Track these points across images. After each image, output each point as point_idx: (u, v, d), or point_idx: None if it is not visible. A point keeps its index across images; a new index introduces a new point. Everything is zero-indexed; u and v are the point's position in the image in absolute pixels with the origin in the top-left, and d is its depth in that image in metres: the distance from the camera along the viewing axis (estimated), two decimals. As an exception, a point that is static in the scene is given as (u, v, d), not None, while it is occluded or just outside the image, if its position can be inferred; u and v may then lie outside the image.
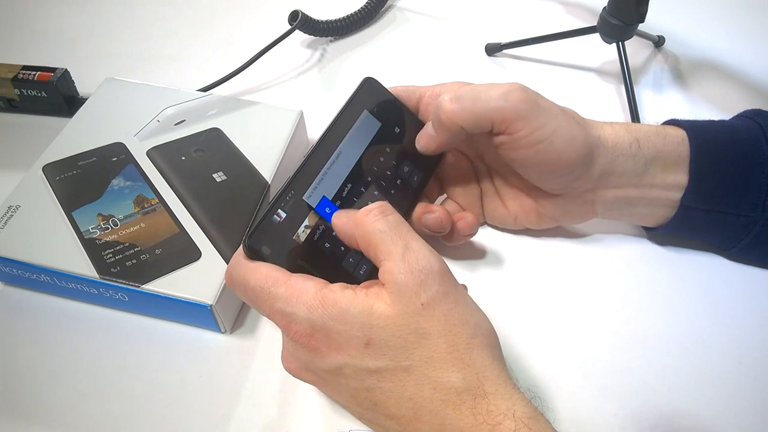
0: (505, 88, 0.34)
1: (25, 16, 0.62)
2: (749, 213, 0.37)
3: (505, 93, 0.34)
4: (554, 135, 0.34)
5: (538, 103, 0.34)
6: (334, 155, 0.35)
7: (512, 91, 0.34)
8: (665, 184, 0.37)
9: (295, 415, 0.34)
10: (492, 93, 0.34)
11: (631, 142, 0.36)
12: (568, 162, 0.35)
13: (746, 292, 0.39)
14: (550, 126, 0.34)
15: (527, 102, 0.34)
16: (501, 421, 0.25)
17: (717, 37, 0.59)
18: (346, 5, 0.61)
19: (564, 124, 0.34)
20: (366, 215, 0.29)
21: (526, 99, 0.34)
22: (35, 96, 0.50)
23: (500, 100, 0.34)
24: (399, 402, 0.27)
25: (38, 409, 0.34)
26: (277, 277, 0.29)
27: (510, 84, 0.34)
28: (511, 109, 0.33)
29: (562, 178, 0.36)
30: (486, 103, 0.34)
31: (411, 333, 0.26)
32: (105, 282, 0.36)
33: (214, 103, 0.46)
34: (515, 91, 0.34)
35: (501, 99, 0.34)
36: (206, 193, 0.40)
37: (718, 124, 0.38)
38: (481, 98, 0.34)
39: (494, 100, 0.34)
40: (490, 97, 0.34)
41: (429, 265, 0.27)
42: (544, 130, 0.34)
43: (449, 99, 0.35)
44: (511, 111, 0.34)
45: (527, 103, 0.34)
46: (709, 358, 0.36)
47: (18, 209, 0.39)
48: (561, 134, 0.34)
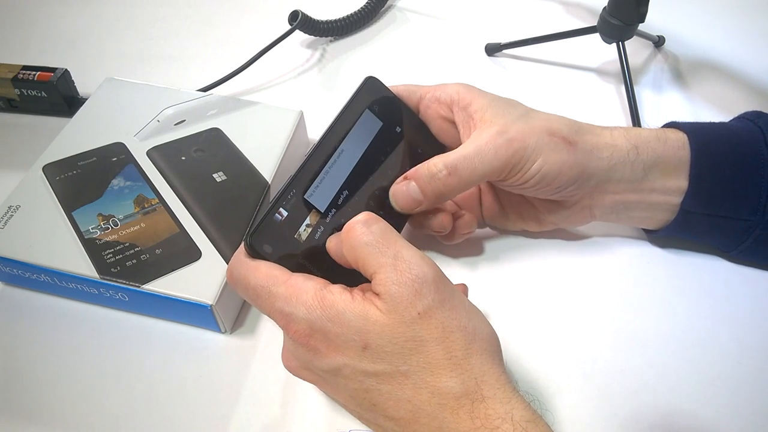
0: (492, 144, 0.34)
1: (25, 16, 0.62)
2: (749, 217, 0.37)
3: (495, 152, 0.34)
4: (543, 169, 0.35)
5: (525, 147, 0.34)
6: (336, 154, 0.35)
7: (501, 148, 0.34)
8: (665, 188, 0.37)
9: (295, 415, 0.34)
10: (483, 157, 0.34)
11: (630, 150, 0.36)
12: (559, 183, 0.36)
13: (746, 293, 0.39)
14: (538, 163, 0.34)
15: (517, 154, 0.34)
16: (499, 425, 0.25)
17: (717, 37, 0.59)
18: (346, 5, 0.61)
19: (552, 155, 0.35)
20: (350, 230, 0.28)
21: (516, 151, 0.34)
22: (35, 96, 0.50)
23: (493, 161, 0.34)
24: (398, 404, 0.27)
25: (38, 409, 0.34)
26: (277, 276, 0.29)
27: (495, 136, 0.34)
28: (504, 166, 0.34)
29: (558, 194, 0.37)
30: (481, 168, 0.34)
31: (408, 340, 0.26)
32: (105, 282, 0.36)
33: (214, 103, 0.46)
34: (504, 146, 0.34)
35: (494, 159, 0.34)
36: (206, 193, 0.40)
37: (719, 127, 0.38)
38: (476, 165, 0.34)
39: (488, 163, 0.34)
40: (483, 161, 0.34)
41: (422, 273, 0.27)
42: (533, 168, 0.35)
43: (447, 174, 0.34)
44: (504, 168, 0.35)
45: (518, 154, 0.34)
46: (709, 358, 0.36)
47: (18, 209, 0.39)
48: (550, 166, 0.35)
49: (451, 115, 0.38)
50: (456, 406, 0.26)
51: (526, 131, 0.35)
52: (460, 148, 0.35)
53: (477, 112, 0.36)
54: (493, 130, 0.35)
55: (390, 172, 0.37)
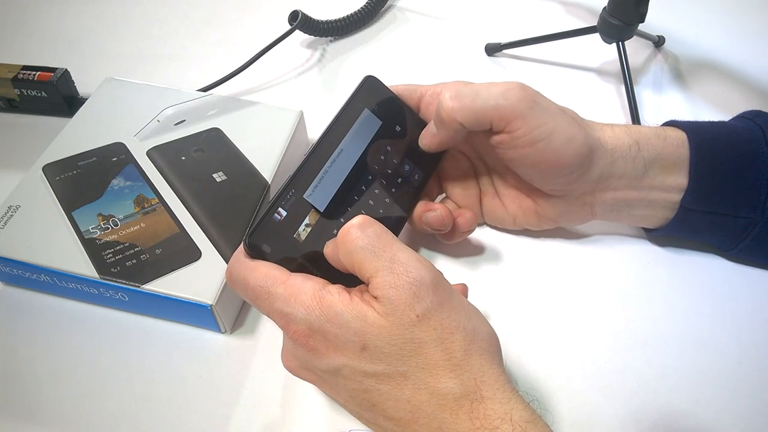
0: (504, 86, 0.34)
1: (25, 16, 0.62)
2: (749, 215, 0.37)
3: (504, 91, 0.34)
4: (553, 134, 0.34)
5: (537, 102, 0.34)
6: (335, 153, 0.35)
7: (511, 90, 0.34)
8: (665, 186, 0.37)
9: (295, 415, 0.34)
10: (491, 91, 0.34)
11: (631, 145, 0.36)
12: (566, 162, 0.35)
13: (746, 293, 0.39)
14: (548, 125, 0.34)
15: (526, 100, 0.34)
16: (498, 425, 0.25)
17: (717, 37, 0.59)
18: (346, 5, 0.61)
19: (563, 124, 0.34)
20: (345, 235, 0.28)
21: (524, 97, 0.34)
22: (35, 96, 0.50)
23: (499, 98, 0.34)
24: (397, 404, 0.27)
25: (38, 409, 0.34)
26: (276, 276, 0.29)
27: (510, 83, 0.34)
28: (510, 107, 0.34)
29: (561, 179, 0.36)
30: (485, 100, 0.34)
31: (406, 342, 0.26)
32: (105, 282, 0.36)
33: (214, 103, 0.46)
34: (514, 90, 0.34)
35: (500, 97, 0.34)
36: (206, 193, 0.40)
37: (718, 125, 0.38)
38: (481, 96, 0.34)
39: (493, 98, 0.34)
40: (489, 94, 0.34)
41: (420, 276, 0.27)
42: (542, 129, 0.34)
43: (449, 96, 0.35)
44: (509, 109, 0.34)
45: (526, 101, 0.34)
46: (709, 358, 0.36)
47: (18, 209, 0.39)
48: (559, 134, 0.34)
49: None
50: (455, 407, 0.26)
51: (540, 94, 0.35)
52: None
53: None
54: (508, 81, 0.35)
55: (390, 170, 0.37)
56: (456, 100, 0.35)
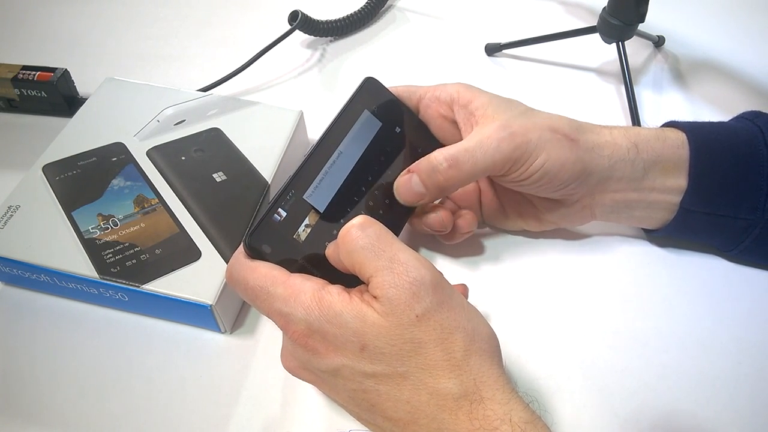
0: (494, 137, 0.34)
1: (25, 16, 0.62)
2: (748, 216, 0.37)
3: (497, 145, 0.34)
4: (546, 165, 0.35)
5: (528, 141, 0.34)
6: (335, 155, 0.35)
7: (503, 141, 0.34)
8: (665, 187, 0.37)
9: (295, 415, 0.34)
10: (485, 149, 0.34)
11: (630, 148, 0.36)
12: (561, 180, 0.35)
13: (746, 293, 0.39)
14: (540, 158, 0.34)
15: (520, 147, 0.34)
16: (498, 426, 0.25)
17: (717, 37, 0.59)
18: (346, 5, 0.61)
19: (554, 150, 0.34)
20: (346, 235, 0.28)
21: (518, 145, 0.34)
22: (35, 96, 0.50)
23: (495, 154, 0.34)
24: (396, 405, 0.27)
25: (38, 409, 0.34)
26: (276, 276, 0.29)
27: (498, 130, 0.34)
28: (506, 159, 0.34)
29: (559, 192, 0.37)
30: (482, 160, 0.34)
31: (406, 342, 0.26)
32: (105, 282, 0.36)
33: (214, 103, 0.46)
34: (506, 139, 0.34)
35: (495, 152, 0.34)
36: (206, 193, 0.40)
37: (718, 126, 0.38)
38: (477, 157, 0.34)
39: (490, 155, 0.34)
40: (485, 153, 0.34)
41: (420, 276, 0.27)
42: (535, 164, 0.35)
43: (447, 165, 0.34)
44: (506, 161, 0.34)
45: (520, 148, 0.34)
46: (709, 358, 0.36)
47: (18, 209, 0.39)
48: (552, 162, 0.35)
49: (452, 113, 0.38)
50: (455, 407, 0.26)
51: (529, 126, 0.35)
52: (461, 142, 0.35)
53: (478, 109, 0.36)
54: (495, 124, 0.35)
55: (389, 172, 0.37)
56: (455, 169, 0.34)
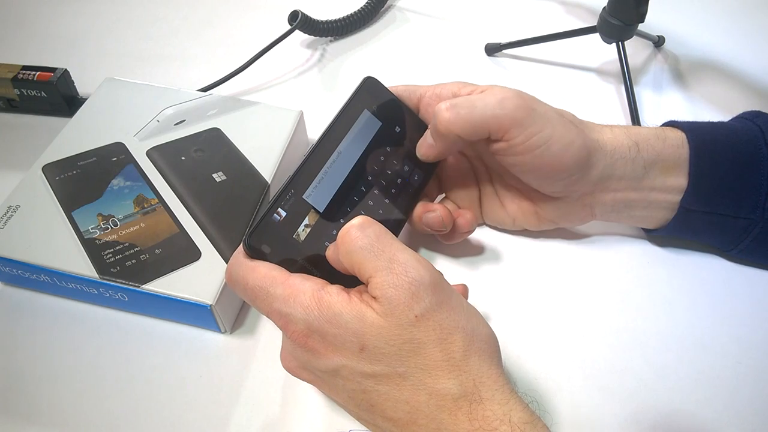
0: (500, 95, 0.34)
1: (25, 16, 0.62)
2: (749, 215, 0.37)
3: (500, 100, 0.34)
4: (551, 140, 0.34)
5: (534, 108, 0.34)
6: (335, 154, 0.35)
7: (508, 98, 0.34)
8: (665, 187, 0.37)
9: (295, 415, 0.34)
10: (488, 101, 0.34)
11: (630, 146, 0.36)
12: (565, 166, 0.35)
13: (746, 293, 0.39)
14: (546, 131, 0.34)
15: (523, 108, 0.34)
16: (497, 426, 0.25)
17: (717, 37, 0.59)
18: (346, 5, 0.61)
19: (561, 129, 0.34)
20: (345, 235, 0.28)
21: (521, 106, 0.34)
22: (35, 96, 0.50)
23: (496, 108, 0.34)
24: (396, 405, 0.27)
25: (38, 409, 0.34)
26: (275, 276, 0.29)
27: (505, 90, 0.34)
28: (507, 116, 0.34)
29: (560, 182, 0.36)
30: (482, 111, 0.34)
31: (405, 343, 0.26)
32: (105, 282, 0.36)
33: (214, 103, 0.46)
34: (511, 98, 0.34)
35: (497, 107, 0.34)
36: (206, 193, 0.40)
37: (718, 126, 0.38)
38: (477, 106, 0.34)
39: (490, 108, 0.34)
40: (485, 105, 0.34)
41: (419, 276, 0.27)
42: (540, 135, 0.34)
43: (445, 108, 0.34)
44: (507, 118, 0.34)
45: (523, 109, 0.34)
46: (709, 358, 0.36)
47: (18, 209, 0.39)
48: (558, 139, 0.34)
49: None
50: (454, 408, 0.26)
51: (537, 100, 0.35)
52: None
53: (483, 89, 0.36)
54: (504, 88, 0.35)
55: (389, 171, 0.37)
56: (452, 111, 0.34)
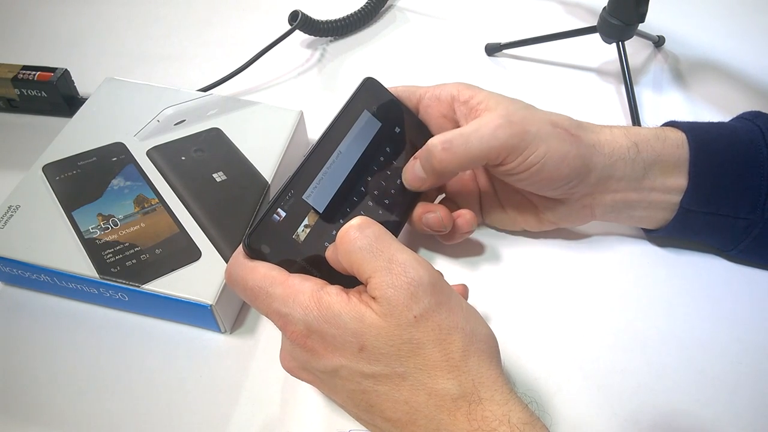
0: (492, 124, 0.34)
1: (25, 16, 0.62)
2: (748, 216, 0.37)
3: (493, 131, 0.34)
4: (546, 157, 0.34)
5: (527, 131, 0.34)
6: (334, 155, 0.35)
7: (500, 127, 0.34)
8: (665, 187, 0.37)
9: (295, 415, 0.34)
10: (481, 133, 0.34)
11: (630, 147, 0.36)
12: (562, 176, 0.35)
13: (746, 293, 0.39)
14: (541, 149, 0.34)
15: (516, 135, 0.34)
16: (496, 427, 0.25)
17: (717, 37, 0.59)
18: (346, 5, 0.61)
19: (555, 144, 0.34)
20: (344, 235, 0.28)
21: (515, 133, 0.34)
22: (35, 96, 0.50)
23: (491, 140, 0.34)
24: (395, 405, 0.27)
25: (38, 409, 0.34)
26: (275, 276, 0.29)
27: (496, 118, 0.34)
28: (502, 146, 0.34)
29: (559, 189, 0.37)
30: (477, 145, 0.34)
31: (404, 343, 0.26)
32: (105, 282, 0.36)
33: (214, 103, 0.46)
34: (503, 127, 0.34)
35: (491, 138, 0.34)
36: (206, 193, 0.40)
37: (717, 126, 0.38)
38: (472, 141, 0.34)
39: (486, 141, 0.34)
40: (480, 138, 0.34)
41: (418, 276, 0.27)
42: (536, 154, 0.34)
43: (441, 149, 0.35)
44: (502, 148, 0.34)
45: (517, 136, 0.34)
46: (709, 358, 0.36)
47: (18, 209, 0.39)
48: (552, 155, 0.34)
49: (452, 113, 0.38)
50: (453, 408, 0.26)
51: (529, 118, 0.35)
52: (460, 128, 0.35)
53: (480, 103, 0.36)
54: (495, 113, 0.35)
55: (389, 172, 0.37)
56: (448, 152, 0.34)
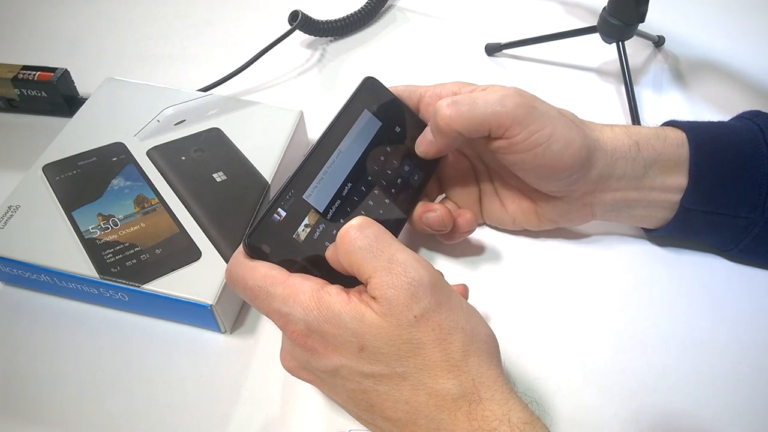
0: (501, 92, 0.34)
1: (25, 16, 0.62)
2: (748, 215, 0.37)
3: (501, 98, 0.34)
4: (552, 138, 0.34)
5: (535, 106, 0.34)
6: (335, 154, 0.35)
7: (509, 96, 0.34)
8: (665, 186, 0.37)
9: (295, 414, 0.34)
10: (488, 98, 0.34)
11: (631, 145, 0.36)
12: (566, 165, 0.35)
13: (746, 293, 0.39)
14: (547, 129, 0.34)
15: (524, 106, 0.34)
16: (496, 426, 0.25)
17: (717, 37, 0.59)
18: (346, 5, 0.61)
19: (561, 128, 0.34)
20: (344, 235, 0.28)
21: (522, 103, 0.34)
22: (35, 96, 0.50)
23: (497, 105, 0.34)
24: (395, 405, 0.27)
25: (38, 409, 0.34)
26: (275, 276, 0.29)
27: (507, 88, 0.34)
28: (508, 113, 0.33)
29: (561, 181, 0.36)
30: (483, 108, 0.34)
31: (404, 343, 0.26)
32: (105, 282, 0.36)
33: (214, 103, 0.46)
34: (512, 96, 0.34)
35: (497, 104, 0.34)
36: (206, 193, 0.40)
37: (717, 125, 0.38)
38: (478, 103, 0.34)
39: (491, 105, 0.34)
40: (486, 102, 0.34)
41: (418, 276, 0.27)
42: (541, 133, 0.34)
43: (446, 104, 0.34)
44: (507, 116, 0.34)
45: (524, 107, 0.34)
46: (709, 358, 0.36)
47: (18, 209, 0.39)
48: (558, 137, 0.34)
49: None
50: (453, 408, 0.26)
51: (538, 99, 0.35)
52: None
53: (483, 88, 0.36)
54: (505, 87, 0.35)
55: (389, 172, 0.37)
56: (453, 108, 0.34)
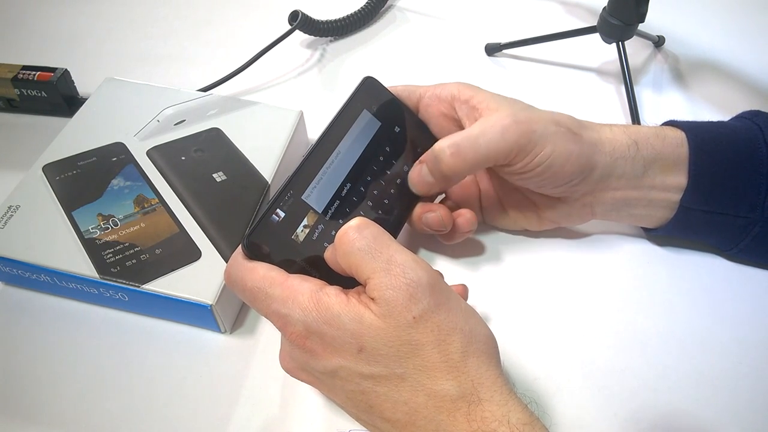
0: (499, 124, 0.34)
1: (25, 16, 0.62)
2: (748, 214, 0.37)
3: (501, 131, 0.34)
4: (551, 157, 0.34)
5: (533, 130, 0.34)
6: (334, 155, 0.35)
7: (508, 128, 0.34)
8: (664, 185, 0.37)
9: (295, 415, 0.34)
10: (489, 135, 0.34)
11: (630, 145, 0.36)
12: (566, 174, 0.35)
13: (746, 293, 0.39)
14: (547, 149, 0.34)
15: (524, 135, 0.34)
16: (496, 427, 0.25)
17: (717, 37, 0.59)
18: (346, 5, 0.61)
19: (560, 143, 0.34)
20: (343, 236, 0.28)
21: (523, 132, 0.34)
22: (35, 96, 0.50)
23: (499, 141, 0.34)
24: (394, 406, 0.27)
25: (38, 409, 0.34)
26: (274, 277, 0.28)
27: (502, 117, 0.34)
28: (512, 148, 0.34)
29: (561, 187, 0.37)
30: (485, 147, 0.34)
31: (403, 344, 0.26)
32: (105, 282, 0.36)
33: (214, 103, 0.46)
34: (511, 127, 0.34)
35: (500, 139, 0.34)
36: (206, 193, 0.40)
37: (717, 125, 0.38)
38: (480, 143, 0.34)
39: (494, 143, 0.34)
40: (488, 140, 0.34)
41: (417, 277, 0.27)
42: (542, 155, 0.34)
43: (450, 153, 0.34)
44: (511, 150, 0.34)
45: (524, 135, 0.34)
46: (709, 358, 0.36)
47: (18, 209, 0.39)
48: (557, 155, 0.34)
49: (453, 111, 0.38)
50: (453, 409, 0.26)
51: (533, 118, 0.35)
52: (465, 129, 0.35)
53: (481, 102, 0.36)
54: (500, 114, 0.35)
55: (389, 172, 0.37)
56: (457, 156, 0.34)
